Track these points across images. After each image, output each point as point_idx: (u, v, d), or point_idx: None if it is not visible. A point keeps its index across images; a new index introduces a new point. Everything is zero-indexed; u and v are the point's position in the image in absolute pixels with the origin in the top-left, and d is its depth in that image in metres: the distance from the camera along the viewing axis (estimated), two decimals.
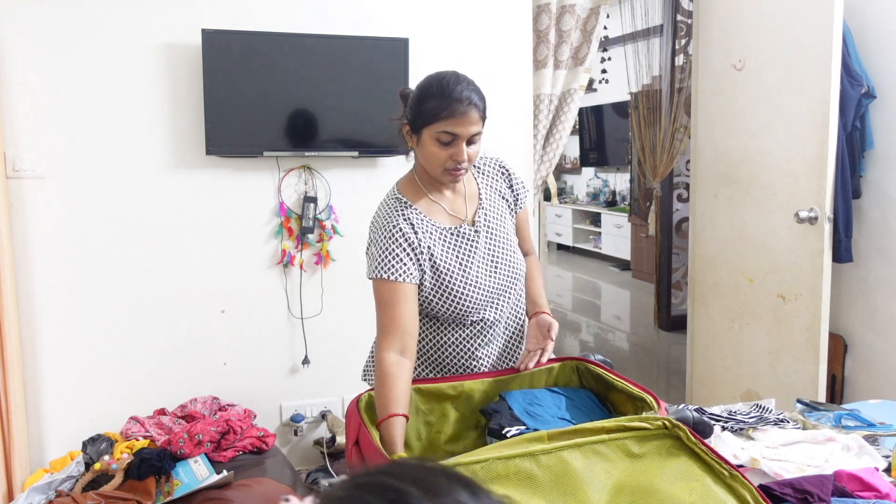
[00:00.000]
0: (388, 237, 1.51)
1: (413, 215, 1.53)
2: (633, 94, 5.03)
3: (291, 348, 2.83)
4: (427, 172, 1.55)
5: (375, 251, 1.53)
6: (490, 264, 1.57)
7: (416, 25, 2.83)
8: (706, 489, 0.99)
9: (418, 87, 1.50)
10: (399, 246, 1.49)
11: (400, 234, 1.50)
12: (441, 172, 1.49)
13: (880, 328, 2.77)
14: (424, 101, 1.45)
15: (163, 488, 2.18)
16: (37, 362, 2.54)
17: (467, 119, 1.43)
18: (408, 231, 1.51)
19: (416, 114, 1.47)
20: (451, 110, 1.42)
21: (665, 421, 1.09)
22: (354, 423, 1.32)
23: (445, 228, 1.55)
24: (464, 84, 1.45)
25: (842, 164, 2.62)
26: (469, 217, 1.59)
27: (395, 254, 1.49)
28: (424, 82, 1.49)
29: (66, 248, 2.54)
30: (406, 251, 1.49)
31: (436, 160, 1.47)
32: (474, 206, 1.60)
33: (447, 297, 1.53)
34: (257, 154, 2.65)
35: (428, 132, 1.46)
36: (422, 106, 1.46)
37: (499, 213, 1.63)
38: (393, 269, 1.48)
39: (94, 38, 2.49)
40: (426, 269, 1.52)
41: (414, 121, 1.49)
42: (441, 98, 1.43)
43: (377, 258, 1.51)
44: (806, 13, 2.55)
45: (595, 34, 3.10)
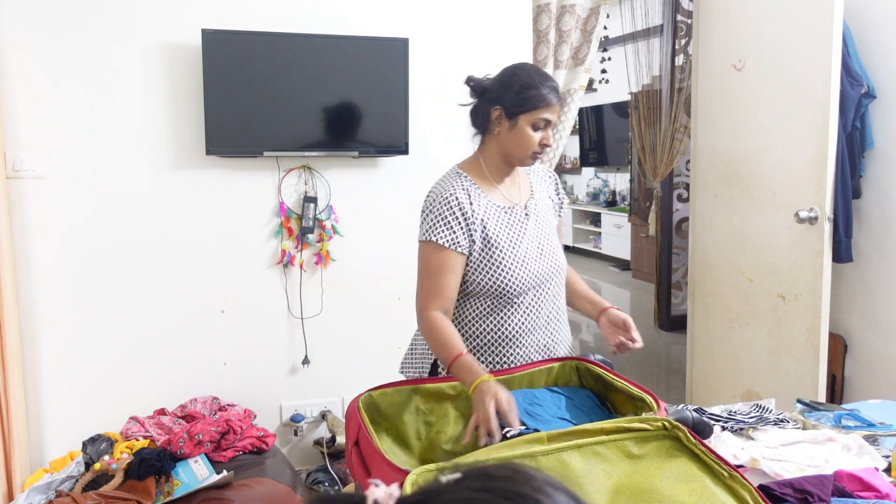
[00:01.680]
0: (443, 203, 1.61)
1: (471, 188, 1.64)
2: (633, 94, 5.03)
3: (291, 348, 2.83)
4: (498, 157, 1.67)
5: (429, 216, 1.62)
6: (537, 248, 1.67)
7: (416, 25, 2.83)
8: (706, 490, 0.99)
9: (513, 76, 1.62)
10: (452, 214, 1.60)
11: (455, 203, 1.60)
12: (528, 155, 1.63)
13: (880, 328, 2.77)
14: (526, 90, 1.59)
15: (163, 488, 2.18)
16: (37, 362, 2.54)
17: (557, 108, 1.62)
18: (463, 200, 1.61)
19: (517, 101, 1.59)
20: (548, 100, 1.59)
21: (665, 422, 1.09)
22: (354, 424, 1.32)
23: (499, 206, 1.66)
24: (551, 77, 1.64)
25: (842, 164, 2.62)
26: (521, 203, 1.71)
27: (448, 221, 1.59)
28: (522, 73, 1.62)
29: (66, 248, 2.54)
30: (458, 220, 1.59)
31: (529, 144, 1.61)
32: (527, 197, 1.73)
33: (496, 270, 1.61)
34: (257, 154, 2.65)
35: (526, 118, 1.59)
36: (523, 94, 1.59)
37: (546, 209, 1.76)
38: (443, 235, 1.58)
39: (94, 38, 2.49)
40: (476, 240, 1.61)
41: (511, 107, 1.60)
42: (542, 87, 1.59)
43: (429, 222, 1.61)
44: (806, 13, 2.55)
45: (595, 34, 3.10)
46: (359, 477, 1.20)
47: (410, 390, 1.45)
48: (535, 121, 1.59)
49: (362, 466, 1.20)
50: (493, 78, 1.68)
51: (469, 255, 1.61)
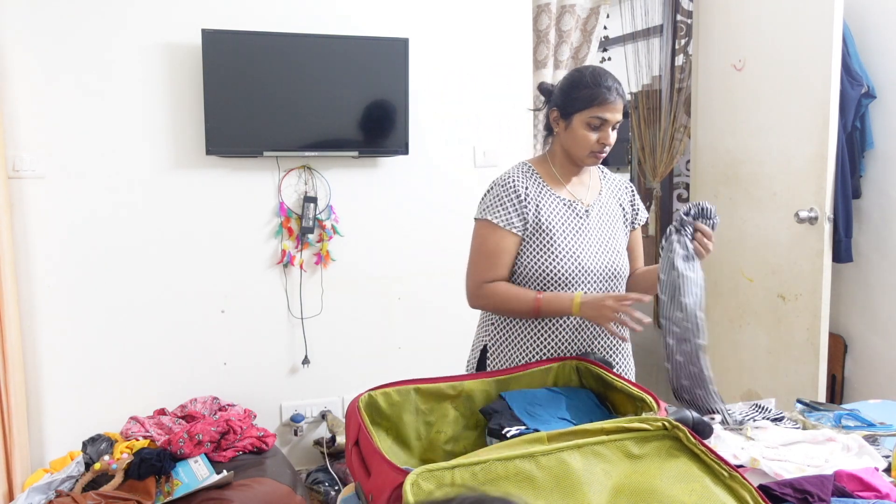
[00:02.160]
0: (500, 186, 1.69)
1: (533, 178, 1.70)
2: (633, 94, 5.03)
3: (291, 348, 2.83)
4: (563, 156, 1.71)
5: (486, 196, 1.71)
6: (594, 245, 1.70)
7: (416, 25, 2.83)
8: (706, 490, 0.99)
9: (569, 79, 1.68)
10: (508, 196, 1.66)
11: (511, 187, 1.67)
12: (587, 154, 1.66)
13: (880, 328, 2.77)
14: (578, 90, 1.63)
15: (163, 488, 2.18)
16: (37, 362, 2.54)
17: (615, 107, 1.62)
18: (520, 186, 1.67)
19: (569, 101, 1.64)
20: (602, 98, 1.60)
21: (665, 422, 1.09)
22: (354, 424, 1.32)
23: (560, 198, 1.71)
24: (611, 77, 1.65)
25: (842, 164, 2.62)
26: (585, 202, 1.74)
27: (503, 202, 1.66)
28: (576, 74, 1.67)
29: (67, 247, 2.54)
30: (514, 202, 1.65)
31: (585, 143, 1.64)
32: (593, 197, 1.76)
33: (545, 255, 1.66)
34: (257, 154, 2.65)
35: (579, 117, 1.63)
36: (575, 94, 1.63)
37: (612, 213, 1.77)
38: (498, 215, 1.65)
39: (94, 39, 2.49)
40: (529, 222, 1.66)
41: (565, 107, 1.65)
42: (595, 87, 1.61)
43: (486, 202, 1.69)
44: (806, 13, 2.55)
45: (595, 34, 3.10)
46: (359, 477, 1.20)
47: (411, 390, 1.45)
48: (589, 119, 1.62)
49: (362, 466, 1.20)
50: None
51: (522, 238, 1.67)
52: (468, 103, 2.94)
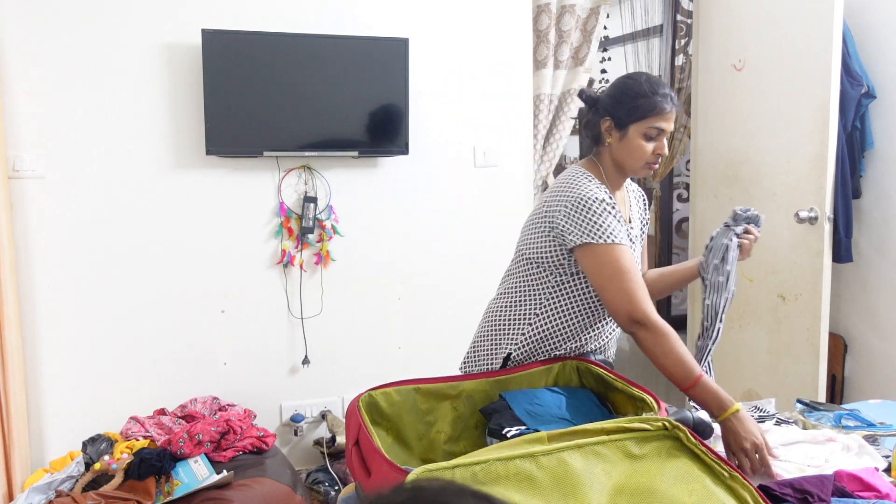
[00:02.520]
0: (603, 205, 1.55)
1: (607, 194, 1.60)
2: None
3: (291, 348, 2.83)
4: (612, 166, 1.65)
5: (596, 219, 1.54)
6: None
7: (416, 25, 2.83)
8: (706, 490, 0.99)
9: (623, 87, 1.62)
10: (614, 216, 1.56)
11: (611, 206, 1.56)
12: (642, 165, 1.61)
13: (880, 328, 2.77)
14: (635, 100, 1.57)
15: (163, 488, 2.18)
16: (37, 362, 2.54)
17: (672, 116, 1.58)
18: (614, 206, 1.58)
19: (626, 111, 1.58)
20: (661, 108, 1.56)
21: (665, 422, 1.09)
22: (354, 424, 1.32)
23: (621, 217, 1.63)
24: (666, 85, 1.61)
25: (842, 164, 2.62)
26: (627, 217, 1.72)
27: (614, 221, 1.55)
28: (630, 82, 1.61)
29: (67, 248, 2.54)
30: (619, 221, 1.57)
31: (642, 154, 1.59)
32: (627, 213, 1.73)
33: None
34: (257, 154, 2.65)
35: (636, 128, 1.58)
36: (632, 104, 1.57)
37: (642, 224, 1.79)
38: (620, 235, 1.54)
39: (94, 39, 2.49)
40: None
41: (620, 117, 1.59)
42: (653, 96, 1.56)
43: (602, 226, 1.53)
44: (806, 13, 2.55)
45: (595, 34, 3.10)
46: (359, 477, 1.20)
47: (411, 390, 1.45)
48: (647, 130, 1.57)
49: (362, 466, 1.20)
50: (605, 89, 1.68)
51: None
52: (468, 103, 2.94)
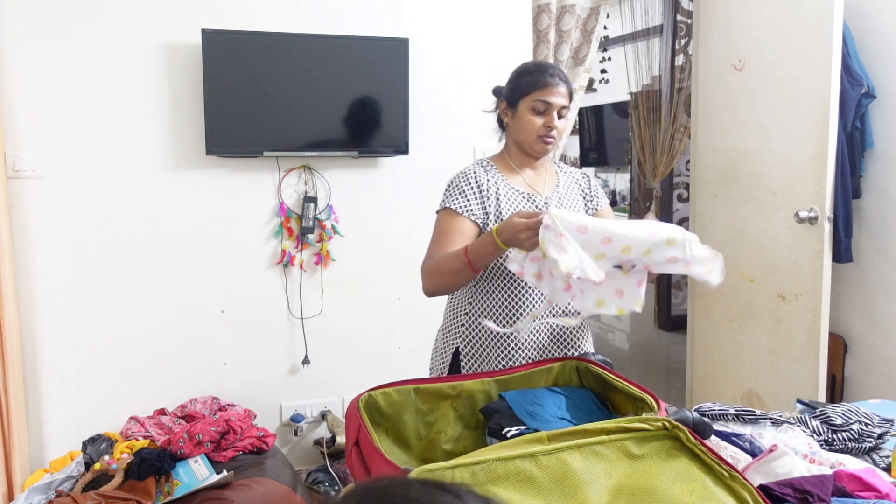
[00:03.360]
0: (460, 177, 1.72)
1: (492, 171, 1.73)
2: (633, 94, 5.03)
3: (291, 348, 2.83)
4: (517, 149, 1.74)
5: (447, 189, 1.72)
6: None
7: (416, 25, 2.83)
8: (706, 490, 0.99)
9: (514, 72, 1.73)
10: (468, 185, 1.69)
11: (472, 176, 1.70)
12: (534, 140, 1.68)
13: (880, 328, 2.77)
14: (522, 77, 1.69)
15: (163, 488, 2.19)
16: (37, 362, 2.54)
17: (558, 91, 1.66)
18: (480, 175, 1.70)
19: (514, 89, 1.69)
20: (544, 82, 1.65)
21: (665, 422, 1.09)
22: (354, 424, 1.32)
23: (518, 191, 1.72)
24: (554, 67, 1.71)
25: (842, 164, 2.61)
26: (544, 193, 1.76)
27: (463, 190, 1.68)
28: (519, 66, 1.74)
29: (67, 248, 2.54)
30: (474, 190, 1.68)
31: (531, 127, 1.67)
32: (551, 189, 1.77)
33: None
34: (257, 154, 2.65)
35: (524, 103, 1.67)
36: (519, 81, 1.69)
37: (573, 203, 1.78)
38: (457, 202, 1.67)
39: (93, 38, 2.49)
40: (490, 213, 1.67)
41: (511, 96, 1.70)
42: (537, 73, 1.67)
43: (446, 194, 1.71)
44: (806, 13, 2.55)
45: (595, 34, 3.10)
46: (359, 477, 1.20)
47: (410, 390, 1.45)
48: (533, 104, 1.65)
49: (362, 466, 1.20)
50: None
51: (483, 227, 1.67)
52: (468, 103, 2.94)
